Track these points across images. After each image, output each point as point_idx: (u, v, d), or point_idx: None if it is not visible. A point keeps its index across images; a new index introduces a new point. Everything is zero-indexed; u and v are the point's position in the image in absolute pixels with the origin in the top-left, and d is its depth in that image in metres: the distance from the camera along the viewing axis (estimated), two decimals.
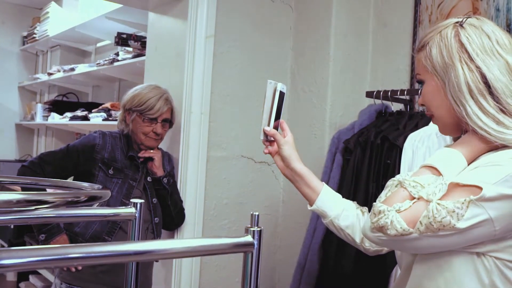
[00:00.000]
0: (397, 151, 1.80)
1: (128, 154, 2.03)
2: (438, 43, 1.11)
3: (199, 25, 2.22)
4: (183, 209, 2.18)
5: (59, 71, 4.20)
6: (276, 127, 1.32)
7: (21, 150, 4.95)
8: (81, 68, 3.84)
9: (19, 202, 0.93)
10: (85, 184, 1.18)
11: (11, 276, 4.37)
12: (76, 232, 1.95)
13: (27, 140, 4.96)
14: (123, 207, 1.02)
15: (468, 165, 1.06)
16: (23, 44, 4.88)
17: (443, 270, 1.03)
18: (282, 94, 1.31)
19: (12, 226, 3.98)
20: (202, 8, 2.23)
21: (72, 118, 3.92)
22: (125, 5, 2.67)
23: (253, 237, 0.76)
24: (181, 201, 2.18)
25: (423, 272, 1.07)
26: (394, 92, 2.05)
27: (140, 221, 0.97)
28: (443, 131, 1.16)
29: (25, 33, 4.80)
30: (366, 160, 1.88)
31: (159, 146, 2.17)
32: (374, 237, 1.04)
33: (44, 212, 1.00)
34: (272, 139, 1.31)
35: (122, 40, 2.82)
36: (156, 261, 2.13)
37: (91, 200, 1.06)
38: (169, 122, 2.10)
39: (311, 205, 1.32)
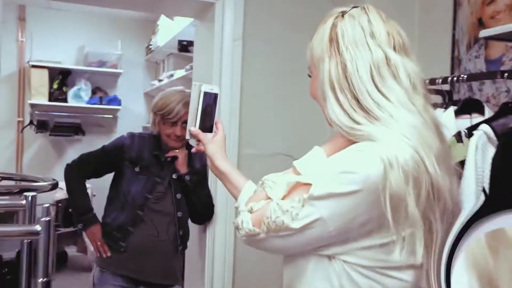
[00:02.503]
0: None
1: (153, 153, 2.21)
2: (318, 35, 1.06)
3: (226, 28, 2.31)
4: (210, 205, 2.29)
5: (167, 77, 4.62)
6: (211, 127, 1.36)
7: None
8: (178, 73, 4.18)
9: None
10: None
11: None
12: (107, 223, 2.19)
13: None
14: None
15: None
16: (146, 55, 5.45)
17: (300, 272, 1.00)
18: (208, 95, 1.34)
19: None
20: (230, 11, 2.31)
21: None
22: (179, 16, 2.86)
23: (42, 227, 0.85)
24: (210, 197, 2.29)
25: (289, 272, 1.05)
26: (432, 81, 1.87)
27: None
28: (330, 125, 1.10)
29: (146, 45, 5.36)
30: None
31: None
32: (239, 236, 1.04)
33: None
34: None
35: (182, 46, 3.03)
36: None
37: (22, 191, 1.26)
38: None
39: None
